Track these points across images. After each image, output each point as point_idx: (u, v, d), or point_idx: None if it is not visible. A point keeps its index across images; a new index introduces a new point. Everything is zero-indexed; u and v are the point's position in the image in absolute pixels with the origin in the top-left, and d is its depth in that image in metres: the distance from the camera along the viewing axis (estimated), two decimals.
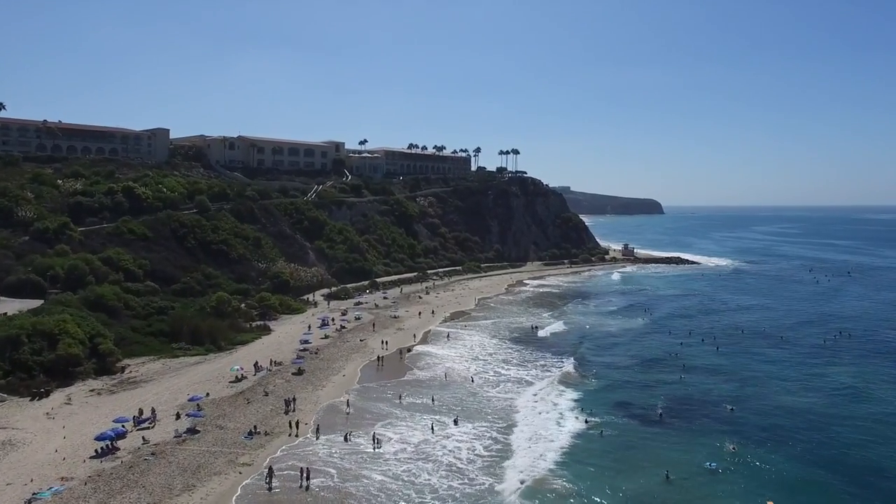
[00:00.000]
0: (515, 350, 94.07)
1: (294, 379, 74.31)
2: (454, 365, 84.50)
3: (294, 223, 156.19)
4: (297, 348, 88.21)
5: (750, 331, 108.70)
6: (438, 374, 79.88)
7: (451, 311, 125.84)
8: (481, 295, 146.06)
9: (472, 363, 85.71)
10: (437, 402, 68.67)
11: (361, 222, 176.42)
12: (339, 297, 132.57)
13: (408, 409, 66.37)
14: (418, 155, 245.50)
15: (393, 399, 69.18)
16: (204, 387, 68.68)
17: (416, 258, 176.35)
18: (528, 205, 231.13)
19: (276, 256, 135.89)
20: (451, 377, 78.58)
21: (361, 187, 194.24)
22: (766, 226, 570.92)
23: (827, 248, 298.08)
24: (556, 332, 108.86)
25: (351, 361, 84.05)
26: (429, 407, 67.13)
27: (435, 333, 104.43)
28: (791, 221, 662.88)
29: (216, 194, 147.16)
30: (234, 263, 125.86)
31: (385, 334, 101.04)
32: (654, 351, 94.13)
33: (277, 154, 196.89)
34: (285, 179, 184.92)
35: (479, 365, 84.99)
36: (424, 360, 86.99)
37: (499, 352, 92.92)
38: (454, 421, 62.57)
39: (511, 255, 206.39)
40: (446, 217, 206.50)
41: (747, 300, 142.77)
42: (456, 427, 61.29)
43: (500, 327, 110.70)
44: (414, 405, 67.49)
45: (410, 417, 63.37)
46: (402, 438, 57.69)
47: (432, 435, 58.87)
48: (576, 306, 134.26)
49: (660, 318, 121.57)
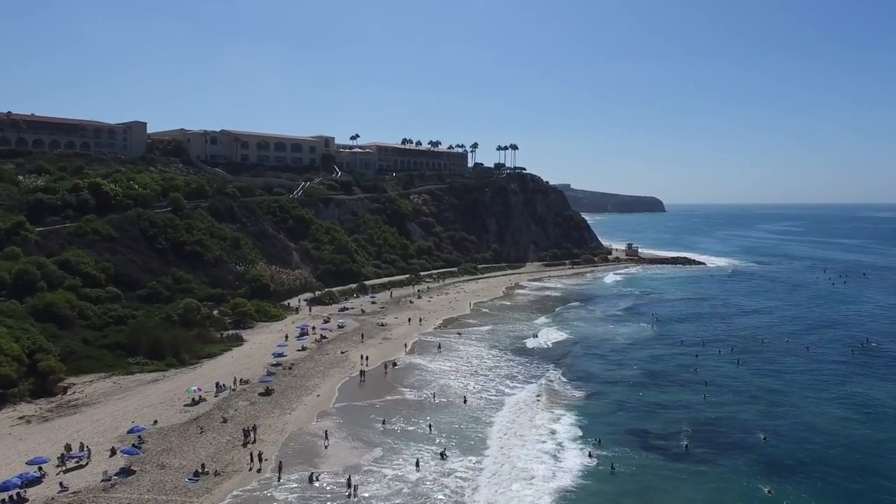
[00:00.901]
0: (511, 363, 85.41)
1: (260, 401, 65.54)
2: (445, 381, 75.85)
3: (277, 222, 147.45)
4: (268, 363, 79.41)
5: (770, 340, 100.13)
6: (428, 392, 71.17)
7: (443, 317, 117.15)
8: (477, 299, 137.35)
9: (466, 379, 77.04)
10: (424, 428, 60.00)
11: (351, 221, 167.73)
12: (323, 301, 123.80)
13: (390, 436, 57.70)
14: (412, 150, 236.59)
15: (373, 424, 60.51)
16: (153, 412, 59.87)
17: (408, 259, 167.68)
18: (527, 202, 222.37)
19: (256, 258, 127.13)
20: (441, 396, 69.92)
21: (351, 184, 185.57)
22: (769, 224, 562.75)
23: (836, 248, 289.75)
24: (558, 340, 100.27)
25: (328, 378, 75.28)
26: (415, 435, 58.49)
27: (425, 343, 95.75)
28: (794, 219, 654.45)
29: (193, 191, 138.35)
30: (210, 266, 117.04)
31: (369, 345, 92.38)
32: (668, 364, 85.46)
33: (263, 149, 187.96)
34: (270, 176, 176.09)
35: (473, 382, 76.33)
36: (413, 376, 78.27)
37: (493, 365, 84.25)
38: (441, 454, 53.93)
39: (509, 255, 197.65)
40: (441, 215, 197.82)
41: (762, 304, 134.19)
42: (443, 462, 52.68)
43: (495, 336, 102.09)
44: (397, 433, 58.79)
45: (392, 449, 54.68)
46: (381, 477, 49.03)
47: (416, 472, 50.25)
48: (578, 312, 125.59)
49: (669, 324, 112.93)
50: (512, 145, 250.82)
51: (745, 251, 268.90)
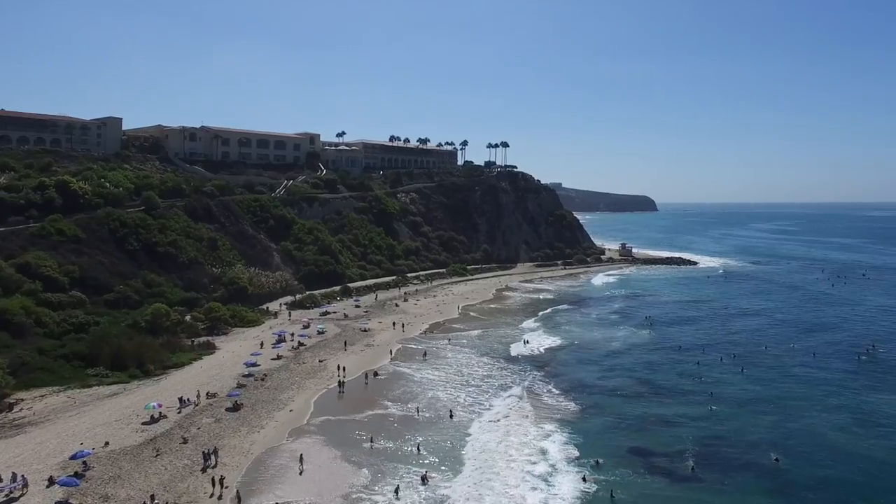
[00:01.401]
0: (501, 371, 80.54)
1: (227, 417, 60.33)
2: (432, 393, 70.94)
3: (258, 222, 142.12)
4: (240, 373, 74.13)
5: (774, 345, 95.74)
6: (412, 406, 66.08)
7: (430, 321, 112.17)
8: (466, 302, 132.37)
9: (454, 391, 72.10)
10: (406, 447, 55.07)
11: (335, 221, 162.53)
12: (304, 305, 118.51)
13: (368, 456, 52.65)
14: (400, 148, 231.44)
15: (353, 444, 55.39)
16: (106, 432, 54.58)
17: (395, 260, 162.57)
18: (518, 201, 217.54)
19: (233, 260, 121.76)
20: (427, 410, 64.92)
21: (337, 182, 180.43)
22: (763, 223, 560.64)
23: (832, 247, 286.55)
24: (550, 346, 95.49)
25: (304, 390, 70.15)
26: (396, 455, 53.51)
27: (410, 351, 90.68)
28: (787, 219, 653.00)
29: (169, 190, 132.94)
30: (184, 268, 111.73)
31: (350, 352, 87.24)
32: (668, 372, 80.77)
33: (244, 146, 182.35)
34: (252, 174, 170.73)
35: (461, 393, 71.42)
36: (396, 387, 73.19)
37: (482, 373, 79.38)
38: (422, 478, 49.02)
39: (500, 255, 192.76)
40: (430, 215, 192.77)
41: (761, 306, 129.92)
42: (424, 487, 47.77)
43: (484, 342, 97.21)
44: (375, 452, 53.75)
45: (369, 472, 49.63)
46: None
47: (397, 501, 45.37)
48: (572, 315, 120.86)
49: (667, 328, 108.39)
50: (503, 143, 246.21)
51: (741, 251, 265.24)
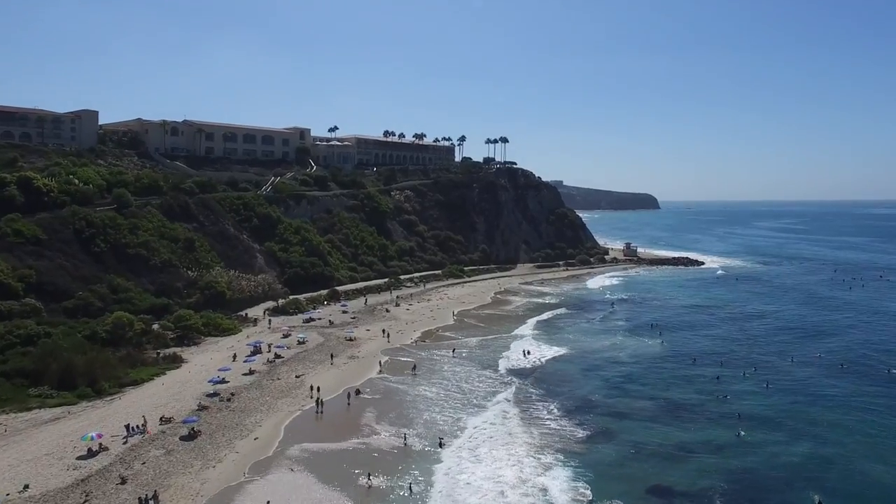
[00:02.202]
0: (499, 387, 72.82)
1: (180, 448, 52.54)
2: (417, 414, 63.22)
3: (241, 221, 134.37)
4: (203, 392, 66.40)
5: (800, 357, 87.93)
6: (399, 432, 58.01)
7: (423, 328, 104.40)
8: (462, 306, 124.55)
9: (443, 412, 64.31)
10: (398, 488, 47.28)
11: (324, 220, 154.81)
12: (287, 311, 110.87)
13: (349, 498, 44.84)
14: (395, 143, 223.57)
15: (327, 480, 47.59)
16: (30, 470, 46.81)
17: (388, 261, 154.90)
18: (518, 199, 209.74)
19: (212, 262, 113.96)
20: (415, 436, 57.04)
21: (327, 179, 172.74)
22: (766, 221, 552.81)
23: (841, 246, 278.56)
24: (553, 358, 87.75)
25: (275, 412, 62.38)
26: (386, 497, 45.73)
27: (399, 364, 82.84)
28: (791, 217, 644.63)
29: (145, 187, 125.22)
30: (156, 272, 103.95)
31: (333, 365, 79.47)
32: (685, 389, 72.99)
33: (229, 141, 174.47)
34: (237, 170, 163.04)
35: (451, 414, 63.63)
36: (382, 408, 65.33)
37: (474, 389, 71.66)
38: None
39: (499, 256, 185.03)
40: (425, 213, 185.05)
41: (778, 312, 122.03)
42: None
43: (480, 352, 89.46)
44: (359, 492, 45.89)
45: None
46: None
47: None
48: (575, 321, 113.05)
49: (679, 337, 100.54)
50: (502, 138, 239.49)
51: (749, 251, 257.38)
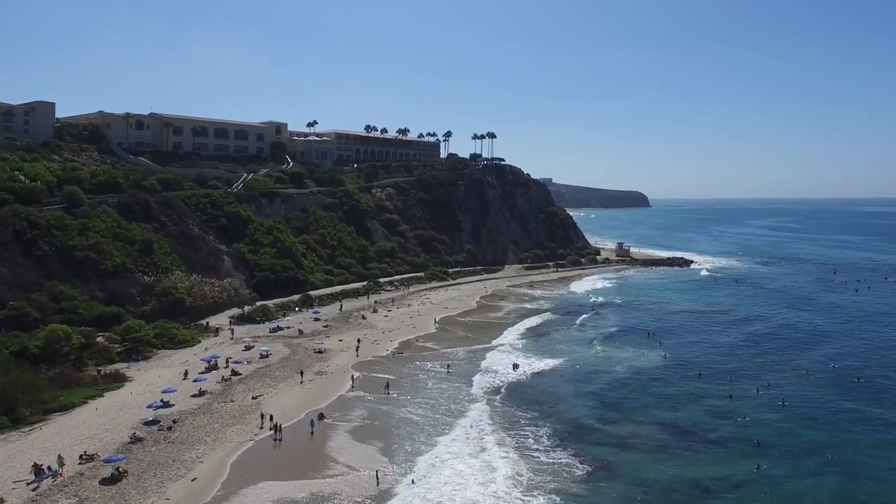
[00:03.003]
0: (482, 408, 65.09)
1: (98, 496, 44.40)
2: (394, 443, 55.36)
3: (207, 221, 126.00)
4: (141, 419, 58.20)
5: (813, 368, 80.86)
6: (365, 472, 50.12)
7: (401, 338, 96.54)
8: (445, 312, 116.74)
9: (417, 442, 56.50)
10: None
11: (299, 219, 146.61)
12: (253, 319, 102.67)
13: None
14: (377, 139, 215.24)
15: None
16: None
17: (367, 263, 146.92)
18: (505, 197, 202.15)
19: (172, 265, 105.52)
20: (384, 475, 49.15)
21: (304, 176, 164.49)
22: (759, 220, 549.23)
23: (838, 245, 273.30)
24: (542, 371, 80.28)
25: (222, 444, 54.29)
26: None
27: (372, 381, 74.82)
28: (785, 215, 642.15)
29: (102, 184, 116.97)
30: (107, 277, 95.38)
31: (297, 383, 71.45)
32: (693, 411, 65.49)
33: (199, 136, 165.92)
34: (207, 167, 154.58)
35: (426, 444, 55.85)
36: (349, 436, 57.38)
37: (455, 411, 63.91)
38: None
39: (486, 257, 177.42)
40: (408, 212, 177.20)
41: (785, 318, 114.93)
42: None
43: (463, 366, 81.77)
44: None
45: None
46: None
47: None
48: (566, 329, 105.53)
49: (681, 348, 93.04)
50: (489, 134, 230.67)
51: (745, 250, 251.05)
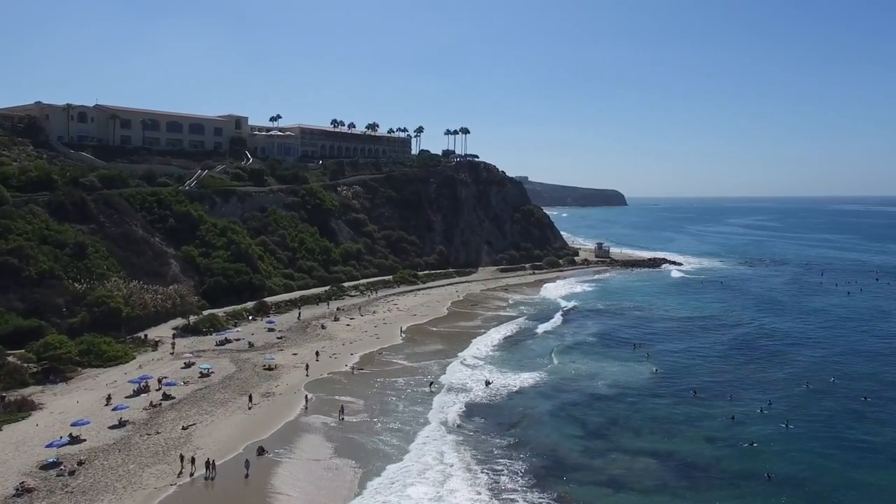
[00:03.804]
0: (450, 437, 57.19)
1: None
2: (344, 485, 47.24)
3: (154, 221, 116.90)
4: (38, 461, 49.34)
5: (813, 382, 74.21)
6: None
7: (363, 350, 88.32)
8: (413, 321, 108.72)
9: (376, 482, 48.43)
10: None
11: (257, 219, 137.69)
12: (199, 330, 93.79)
13: None
14: (344, 134, 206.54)
15: None
16: None
17: (330, 266, 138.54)
18: (479, 195, 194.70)
19: (109, 271, 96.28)
20: None
21: (264, 173, 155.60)
22: (739, 218, 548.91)
23: (822, 244, 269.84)
24: (519, 389, 72.70)
25: (135, 492, 45.57)
26: None
27: (326, 403, 66.47)
28: (763, 213, 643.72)
29: (32, 181, 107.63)
30: (31, 285, 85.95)
31: (238, 408, 62.93)
32: (692, 437, 57.97)
33: (150, 129, 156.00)
34: (158, 162, 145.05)
35: (385, 485, 47.83)
36: (292, 481, 49.00)
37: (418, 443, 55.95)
38: None
39: (458, 258, 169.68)
40: (376, 211, 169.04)
41: (777, 325, 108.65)
42: None
43: (429, 383, 73.75)
44: None
45: None
46: None
47: None
48: (545, 340, 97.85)
49: (671, 359, 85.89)
50: (463, 129, 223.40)
51: (727, 250, 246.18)
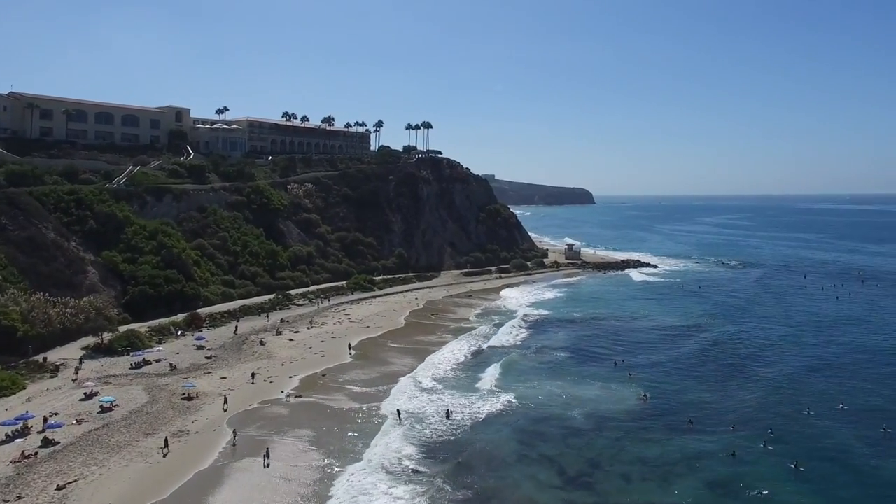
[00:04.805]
0: (402, 486, 47.17)
1: None
2: None
3: (71, 223, 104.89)
4: None
5: (817, 408, 65.79)
6: None
7: (305, 372, 77.81)
8: (366, 333, 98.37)
9: None
10: None
11: (195, 220, 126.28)
12: (114, 350, 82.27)
13: None
14: (297, 128, 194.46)
15: None
16: None
17: (277, 272, 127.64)
18: (442, 193, 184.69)
19: (7, 281, 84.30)
20: None
21: (206, 169, 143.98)
22: (710, 217, 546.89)
23: (800, 245, 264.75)
24: (484, 420, 62.98)
25: None
26: None
27: (251, 444, 55.95)
28: (734, 212, 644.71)
29: None
30: None
31: (139, 454, 52.04)
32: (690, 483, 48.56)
33: (76, 120, 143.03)
34: (84, 157, 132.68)
35: None
36: None
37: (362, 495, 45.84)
38: None
39: (419, 262, 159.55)
40: (329, 211, 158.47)
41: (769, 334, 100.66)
42: None
43: (378, 414, 63.66)
44: None
45: None
46: None
47: None
48: (511, 356, 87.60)
49: (660, 381, 76.10)
50: (424, 123, 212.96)
51: (701, 250, 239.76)
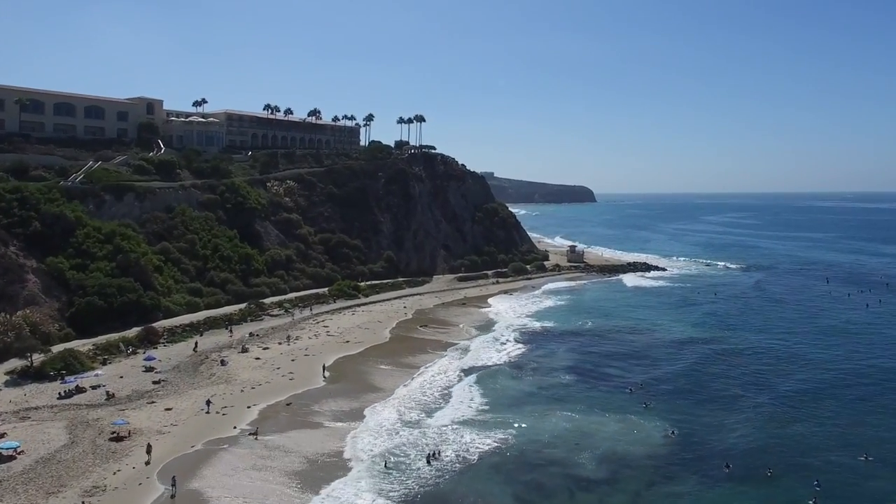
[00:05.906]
0: None
1: None
2: None
3: (10, 225, 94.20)
4: None
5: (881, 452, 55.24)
6: None
7: (267, 400, 67.19)
8: (344, 350, 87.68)
9: None
10: None
11: (160, 221, 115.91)
12: (44, 373, 71.49)
13: None
14: (280, 122, 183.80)
15: None
16: None
17: (251, 278, 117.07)
18: (436, 192, 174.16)
19: None
20: None
21: (176, 166, 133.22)
22: (714, 215, 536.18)
23: (812, 245, 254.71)
24: (475, 464, 52.53)
25: None
26: None
27: (190, 498, 45.41)
28: (738, 210, 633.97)
29: None
30: None
31: None
32: None
33: (32, 112, 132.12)
34: (37, 151, 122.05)
35: None
36: None
37: None
38: None
39: (410, 266, 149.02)
40: (313, 210, 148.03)
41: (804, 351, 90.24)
42: None
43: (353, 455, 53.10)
44: None
45: None
46: None
47: None
48: (508, 379, 77.12)
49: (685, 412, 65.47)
50: (417, 117, 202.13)
51: (711, 251, 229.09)
